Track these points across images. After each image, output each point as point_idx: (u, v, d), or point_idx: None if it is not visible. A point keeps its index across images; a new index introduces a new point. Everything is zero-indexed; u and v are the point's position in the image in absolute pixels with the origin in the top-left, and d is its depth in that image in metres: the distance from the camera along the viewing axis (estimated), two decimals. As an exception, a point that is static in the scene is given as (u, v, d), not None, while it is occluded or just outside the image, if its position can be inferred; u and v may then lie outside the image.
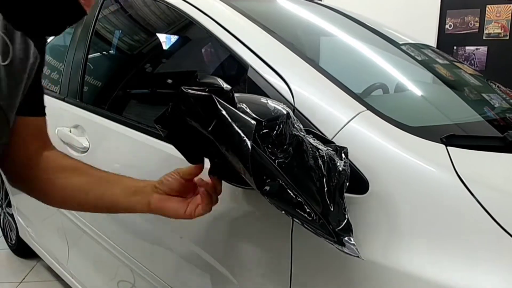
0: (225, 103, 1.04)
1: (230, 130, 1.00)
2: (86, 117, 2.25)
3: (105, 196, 1.33)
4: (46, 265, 3.35)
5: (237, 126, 1.00)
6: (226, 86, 1.10)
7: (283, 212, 1.03)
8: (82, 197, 1.34)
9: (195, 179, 1.27)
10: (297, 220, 1.03)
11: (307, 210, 1.00)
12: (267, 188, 1.00)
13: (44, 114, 1.34)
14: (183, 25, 1.99)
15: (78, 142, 2.20)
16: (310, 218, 1.01)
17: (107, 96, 2.36)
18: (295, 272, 1.30)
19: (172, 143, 1.19)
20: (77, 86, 2.41)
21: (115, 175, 1.39)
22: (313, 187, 1.04)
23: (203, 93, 1.05)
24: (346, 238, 1.03)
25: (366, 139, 1.24)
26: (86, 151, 2.18)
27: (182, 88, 1.07)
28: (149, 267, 1.91)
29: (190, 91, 1.06)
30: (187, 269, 1.70)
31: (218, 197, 1.26)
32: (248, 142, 0.98)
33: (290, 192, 1.00)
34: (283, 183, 1.00)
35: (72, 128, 2.30)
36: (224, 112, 1.02)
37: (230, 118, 1.01)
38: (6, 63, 1.11)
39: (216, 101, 1.03)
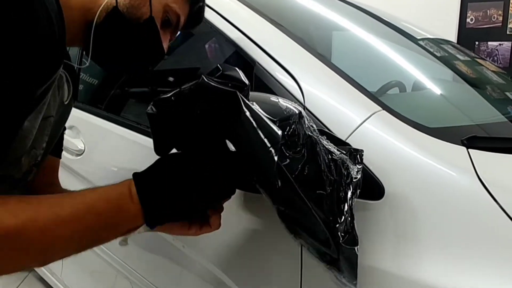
0: (249, 104, 1.00)
1: (253, 136, 0.97)
2: (81, 118, 2.25)
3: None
4: (38, 276, 3.36)
5: (262, 133, 0.97)
6: (247, 81, 1.07)
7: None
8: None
9: None
10: (303, 242, 1.03)
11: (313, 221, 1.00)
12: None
13: (60, 157, 1.48)
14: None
15: (73, 144, 2.21)
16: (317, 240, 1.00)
17: (104, 95, 2.36)
18: (305, 282, 1.30)
19: (154, 129, 1.17)
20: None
21: None
22: (323, 192, 1.03)
23: (227, 88, 1.01)
24: (345, 262, 1.03)
25: (381, 141, 1.24)
26: (82, 154, 2.18)
27: (204, 77, 1.02)
28: (149, 279, 1.91)
29: (211, 83, 1.01)
30: (190, 281, 1.70)
31: (224, 203, 1.25)
32: (274, 154, 0.95)
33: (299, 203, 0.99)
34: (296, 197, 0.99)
35: (66, 129, 2.31)
36: (248, 114, 0.98)
37: (255, 123, 0.98)
38: (66, 102, 1.27)
39: (241, 99, 0.99)
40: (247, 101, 1.01)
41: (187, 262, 1.69)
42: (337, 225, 1.03)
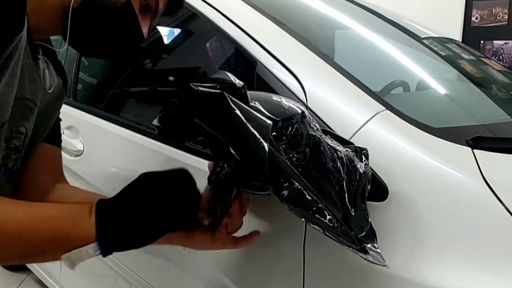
0: (238, 102, 1.02)
1: (244, 131, 0.99)
2: (80, 118, 2.26)
3: None
4: (36, 279, 3.36)
5: (252, 126, 0.99)
6: (238, 81, 1.09)
7: (303, 219, 1.02)
8: None
9: None
10: (318, 227, 1.02)
11: (328, 216, 1.00)
12: (285, 193, 0.99)
13: (60, 146, 1.47)
14: (186, 17, 2.00)
15: (71, 145, 2.21)
16: (331, 225, 1.00)
17: (103, 94, 2.36)
18: (308, 284, 1.30)
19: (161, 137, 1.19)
20: (70, 84, 2.42)
21: None
22: (332, 191, 1.04)
23: (214, 91, 1.03)
24: (369, 245, 1.03)
25: (385, 141, 1.24)
26: (80, 155, 2.18)
27: (191, 85, 1.05)
28: (149, 281, 1.91)
29: (200, 88, 1.04)
30: (191, 284, 1.70)
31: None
32: (265, 144, 0.97)
33: (309, 196, 0.99)
34: (301, 188, 0.99)
35: (65, 129, 2.31)
36: (237, 112, 1.00)
37: (245, 118, 1.00)
38: (50, 90, 1.28)
39: (229, 99, 1.01)
40: (235, 100, 1.03)
41: (188, 265, 1.69)
42: (351, 219, 1.03)
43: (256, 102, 1.08)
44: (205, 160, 1.46)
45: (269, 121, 1.01)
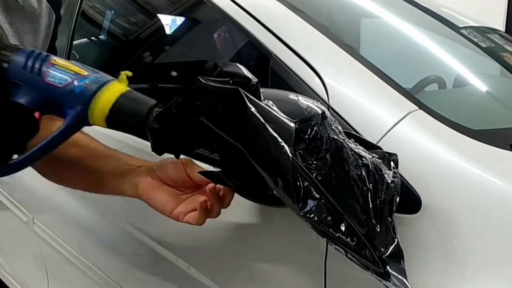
0: (255, 99, 1.01)
1: (263, 134, 0.98)
2: (71, 118, 2.26)
3: (95, 172, 1.42)
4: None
5: (272, 128, 0.98)
6: (252, 76, 1.07)
7: (325, 238, 1.01)
8: (74, 170, 1.45)
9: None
10: (340, 248, 1.02)
11: (350, 233, 0.99)
12: (306, 206, 0.98)
13: None
14: (191, 3, 2.01)
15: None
16: (353, 244, 0.99)
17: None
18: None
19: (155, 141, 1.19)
20: (60, 80, 2.43)
21: (115, 152, 1.48)
22: (355, 204, 1.03)
23: (227, 86, 1.02)
24: (394, 268, 1.02)
25: (417, 145, 1.24)
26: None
27: (200, 78, 1.03)
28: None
29: (210, 83, 1.03)
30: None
31: (235, 215, 1.26)
32: (288, 150, 0.96)
33: (329, 211, 0.99)
34: (322, 200, 0.99)
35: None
36: (254, 110, 0.99)
37: (263, 119, 0.99)
38: None
39: (244, 96, 1.00)
40: (252, 97, 1.01)
41: (193, 285, 1.69)
42: (376, 236, 1.03)
43: (269, 101, 1.07)
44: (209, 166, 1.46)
45: (291, 124, 1.00)
